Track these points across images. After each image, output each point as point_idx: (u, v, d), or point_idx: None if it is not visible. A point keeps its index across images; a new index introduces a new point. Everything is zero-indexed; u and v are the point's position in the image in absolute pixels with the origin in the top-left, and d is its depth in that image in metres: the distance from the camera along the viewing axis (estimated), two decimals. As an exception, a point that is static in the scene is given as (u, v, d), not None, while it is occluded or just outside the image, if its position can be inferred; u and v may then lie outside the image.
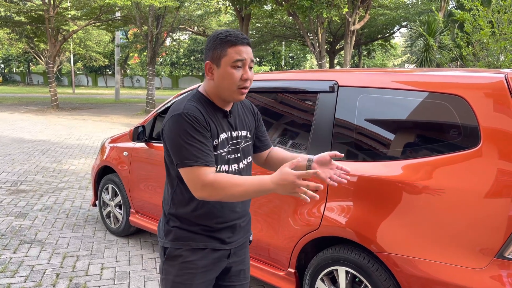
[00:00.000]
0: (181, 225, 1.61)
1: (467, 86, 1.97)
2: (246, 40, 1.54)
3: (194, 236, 1.61)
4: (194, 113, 1.48)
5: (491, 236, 1.79)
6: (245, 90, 1.55)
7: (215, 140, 1.55)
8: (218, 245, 1.64)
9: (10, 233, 4.16)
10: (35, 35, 22.81)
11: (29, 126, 12.58)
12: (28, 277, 3.25)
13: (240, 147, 1.66)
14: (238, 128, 1.67)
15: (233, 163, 1.63)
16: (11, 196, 5.41)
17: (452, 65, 9.39)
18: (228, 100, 1.58)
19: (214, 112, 1.58)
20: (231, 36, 1.51)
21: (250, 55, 1.54)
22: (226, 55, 1.51)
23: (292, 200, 2.50)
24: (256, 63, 43.62)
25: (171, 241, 1.62)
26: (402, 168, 2.07)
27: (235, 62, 1.50)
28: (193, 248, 1.60)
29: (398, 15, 20.17)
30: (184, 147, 1.45)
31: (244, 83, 1.53)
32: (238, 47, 1.51)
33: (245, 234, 1.76)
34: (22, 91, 32.41)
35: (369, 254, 2.19)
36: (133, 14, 16.77)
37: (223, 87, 1.54)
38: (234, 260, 1.72)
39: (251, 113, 1.78)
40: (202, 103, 1.56)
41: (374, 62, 41.16)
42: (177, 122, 1.48)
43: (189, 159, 1.45)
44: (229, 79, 1.51)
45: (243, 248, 1.76)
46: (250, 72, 1.55)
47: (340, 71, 2.57)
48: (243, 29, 16.74)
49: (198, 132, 1.47)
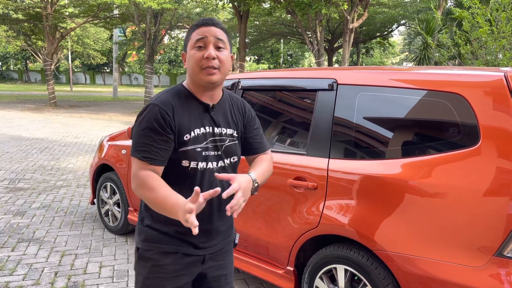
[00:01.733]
0: (153, 224, 1.56)
1: (466, 85, 1.96)
2: (211, 21, 1.49)
3: (165, 238, 1.55)
4: (163, 108, 1.46)
5: (490, 235, 1.79)
6: (212, 70, 1.47)
7: (185, 135, 1.49)
8: (191, 250, 1.57)
9: (8, 231, 4.15)
10: (33, 33, 22.72)
11: (26, 124, 12.54)
12: (27, 275, 3.24)
13: (223, 144, 1.59)
14: (222, 125, 1.59)
15: (213, 161, 1.55)
16: (9, 194, 5.40)
17: (450, 63, 9.39)
18: (200, 84, 1.51)
19: (191, 106, 1.53)
20: (197, 21, 1.51)
21: (214, 34, 1.47)
22: (190, 39, 1.50)
23: (291, 198, 2.49)
24: (254, 61, 43.60)
25: (142, 241, 1.57)
26: (401, 166, 2.07)
27: (196, 42, 1.47)
28: (164, 251, 1.55)
29: (396, 13, 20.19)
30: (138, 136, 1.45)
31: (207, 62, 1.46)
32: (200, 28, 1.48)
33: (224, 239, 1.67)
34: (19, 88, 32.31)
35: (368, 252, 2.19)
36: (131, 12, 16.72)
37: (190, 71, 1.51)
38: (211, 265, 1.64)
39: (240, 112, 1.69)
40: (181, 96, 1.53)
41: (372, 60, 41.18)
42: (145, 111, 1.47)
43: (136, 149, 1.45)
44: (192, 60, 1.48)
45: (223, 253, 1.68)
46: (218, 52, 1.48)
47: (339, 69, 2.57)
48: (241, 26, 16.71)
49: (155, 128, 1.44)
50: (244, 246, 2.86)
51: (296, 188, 2.46)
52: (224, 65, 1.50)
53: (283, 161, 2.57)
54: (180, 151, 1.49)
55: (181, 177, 1.52)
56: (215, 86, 1.53)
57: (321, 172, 2.36)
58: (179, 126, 1.48)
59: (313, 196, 2.39)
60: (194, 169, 1.51)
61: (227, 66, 1.52)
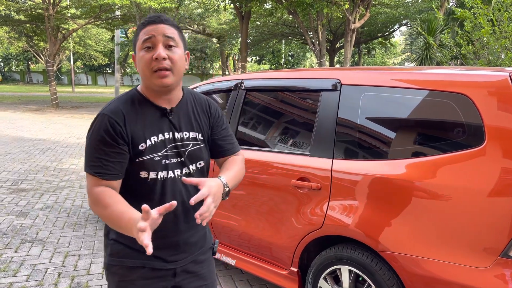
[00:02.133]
0: (118, 238, 1.46)
1: (471, 85, 1.96)
2: (158, 18, 1.36)
3: (131, 253, 1.45)
4: (113, 117, 1.35)
5: (496, 235, 1.78)
6: (164, 72, 1.34)
7: (140, 145, 1.38)
8: (159, 264, 1.47)
9: (11, 232, 4.15)
10: (35, 34, 22.77)
11: (29, 125, 12.56)
12: (30, 276, 3.25)
13: (186, 150, 1.47)
14: (184, 129, 1.47)
15: (175, 168, 1.44)
16: (12, 195, 5.41)
17: (452, 63, 9.38)
18: (153, 88, 1.39)
19: (146, 112, 1.41)
20: (144, 19, 1.37)
21: (162, 32, 1.35)
22: (138, 40, 1.38)
23: (294, 199, 2.49)
24: (256, 62, 43.59)
25: (108, 256, 1.49)
26: (405, 167, 2.07)
27: (143, 42, 1.35)
28: (130, 266, 1.46)
29: (398, 13, 20.16)
30: (89, 150, 1.36)
31: (158, 63, 1.33)
32: (147, 27, 1.36)
33: (197, 250, 1.57)
34: (21, 89, 32.37)
35: (373, 253, 2.18)
36: (132, 13, 16.74)
37: (141, 75, 1.38)
38: (185, 277, 1.54)
39: (205, 113, 1.56)
40: (133, 102, 1.41)
41: (374, 60, 41.14)
42: (95, 122, 1.38)
43: (88, 164, 1.35)
44: (142, 63, 1.35)
45: (198, 263, 1.58)
46: (169, 51, 1.35)
47: (343, 70, 2.56)
48: (243, 27, 16.71)
49: (106, 140, 1.34)
50: (247, 247, 2.86)
51: (299, 188, 2.46)
52: (176, 65, 1.37)
53: (286, 161, 2.57)
54: (136, 162, 1.38)
55: (141, 189, 1.41)
56: (170, 89, 1.41)
57: (325, 172, 2.35)
58: (132, 135, 1.37)
59: (317, 197, 2.39)
60: (154, 180, 1.40)
61: (180, 66, 1.39)
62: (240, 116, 2.98)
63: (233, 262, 2.94)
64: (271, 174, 2.63)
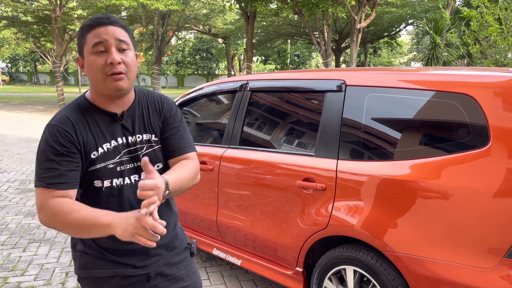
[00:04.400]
0: (85, 249, 1.42)
1: (476, 85, 1.96)
2: (108, 20, 1.29)
3: (99, 262, 1.41)
4: (62, 126, 1.30)
5: (501, 236, 1.78)
6: (119, 76, 1.28)
7: (92, 153, 1.33)
8: (130, 271, 1.43)
9: (19, 232, 4.20)
10: (42, 35, 22.95)
11: (36, 126, 12.66)
12: (38, 276, 3.28)
13: (141, 153, 1.42)
14: (137, 132, 1.42)
15: (132, 174, 1.39)
16: (20, 195, 5.46)
17: (459, 63, 9.33)
18: (106, 93, 1.33)
19: (96, 119, 1.36)
20: (90, 21, 1.30)
21: (114, 35, 1.28)
22: (86, 43, 1.29)
23: (299, 199, 2.50)
24: (261, 62, 43.59)
25: (78, 268, 1.45)
26: (410, 167, 2.07)
27: (94, 47, 1.27)
28: (101, 276, 1.42)
29: (404, 13, 20.07)
30: (40, 163, 1.29)
31: (112, 68, 1.27)
32: (96, 29, 1.28)
33: (169, 251, 1.51)
34: (29, 90, 32.63)
35: (377, 253, 2.19)
36: (139, 14, 16.83)
37: (93, 80, 1.31)
38: (160, 281, 1.49)
39: (157, 111, 1.48)
40: (81, 109, 1.35)
41: (380, 60, 40.98)
42: (44, 134, 1.31)
43: (39, 178, 1.28)
44: (94, 69, 1.28)
45: (174, 265, 1.53)
46: (122, 55, 1.29)
47: (347, 70, 2.57)
48: (248, 27, 16.73)
49: (56, 150, 1.28)
50: (253, 247, 2.87)
51: (304, 189, 2.47)
52: (130, 69, 1.32)
53: (291, 162, 2.58)
54: (89, 171, 1.34)
55: (97, 199, 1.36)
56: (124, 93, 1.36)
57: (330, 173, 2.36)
58: (84, 143, 1.32)
59: (321, 197, 2.39)
60: (109, 188, 1.36)
61: (134, 69, 1.34)
62: (245, 117, 3.00)
63: (239, 262, 2.96)
64: (276, 175, 2.64)
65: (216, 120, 3.32)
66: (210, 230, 3.18)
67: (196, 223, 3.30)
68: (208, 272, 3.42)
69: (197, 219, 3.26)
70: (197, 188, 3.21)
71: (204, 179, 3.12)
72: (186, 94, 3.63)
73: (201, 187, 3.17)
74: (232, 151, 2.98)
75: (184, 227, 3.41)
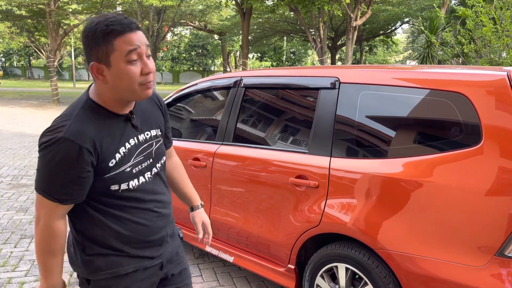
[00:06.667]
0: (100, 250, 1.38)
1: (469, 84, 1.96)
2: (135, 24, 1.23)
3: (120, 260, 1.40)
4: (79, 143, 1.20)
5: (492, 234, 1.79)
6: (151, 84, 1.28)
7: (110, 161, 1.29)
8: (149, 262, 1.46)
9: (11, 227, 4.17)
10: (36, 29, 22.76)
11: (30, 121, 12.57)
12: (29, 272, 3.26)
13: (153, 150, 1.43)
14: (145, 129, 1.42)
15: (145, 172, 1.41)
16: (12, 191, 5.42)
17: (454, 61, 9.36)
18: (132, 99, 1.31)
19: (109, 124, 1.30)
20: (113, 25, 1.19)
21: (144, 41, 1.24)
22: (114, 50, 1.20)
23: (292, 196, 2.50)
24: (257, 59, 43.56)
25: (94, 272, 1.39)
26: (403, 165, 2.07)
27: (128, 55, 1.20)
28: (123, 274, 1.40)
29: (400, 11, 20.11)
30: (49, 176, 1.23)
31: (147, 77, 1.26)
32: (127, 36, 1.20)
33: (174, 241, 1.59)
34: (23, 85, 32.38)
35: (369, 251, 2.19)
36: (134, 9, 16.73)
37: (122, 88, 1.25)
38: (170, 267, 1.57)
39: (157, 107, 1.51)
40: (94, 115, 1.28)
41: (375, 58, 41.08)
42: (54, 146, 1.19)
43: (46, 189, 1.23)
44: (128, 78, 1.22)
45: (176, 249, 1.61)
46: (150, 62, 1.26)
47: (341, 68, 2.56)
48: (244, 24, 16.69)
49: (71, 169, 1.22)
50: (245, 244, 2.87)
51: (297, 186, 2.47)
52: (154, 75, 1.32)
53: (284, 159, 2.57)
54: (106, 178, 1.30)
55: (112, 201, 1.36)
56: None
57: (323, 170, 2.36)
58: (101, 154, 1.27)
59: (314, 195, 2.39)
60: (126, 190, 1.36)
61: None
62: (239, 113, 2.99)
63: (231, 259, 2.95)
64: (269, 172, 2.63)
65: (209, 116, 3.31)
66: (203, 227, 3.17)
67: (189, 219, 3.29)
68: (200, 269, 3.41)
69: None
70: (190, 185, 3.19)
71: (197, 175, 3.11)
72: (180, 90, 3.61)
73: (194, 183, 3.15)
74: (225, 148, 2.97)
75: (177, 224, 3.40)
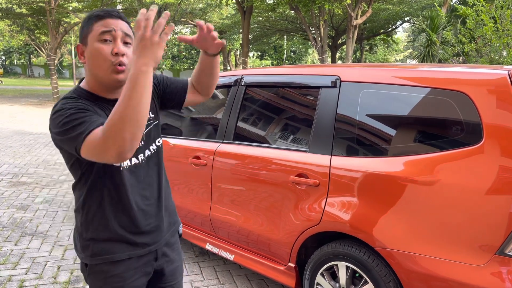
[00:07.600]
0: (98, 234, 1.42)
1: (470, 83, 1.96)
2: (117, 14, 1.33)
3: (115, 246, 1.43)
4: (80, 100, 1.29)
5: (492, 233, 1.79)
6: (122, 68, 1.30)
7: None
8: (143, 250, 1.48)
9: (11, 225, 4.17)
10: (36, 27, 22.74)
11: (30, 119, 12.57)
12: (29, 269, 3.27)
13: (146, 131, 1.46)
14: None
15: (139, 154, 1.44)
16: (12, 189, 5.43)
17: (454, 60, 9.36)
18: (106, 83, 1.35)
19: (102, 108, 1.35)
20: (97, 11, 1.33)
21: (122, 28, 1.32)
22: (92, 31, 1.30)
23: (293, 195, 2.50)
24: (257, 57, 43.50)
25: (90, 256, 1.43)
26: (403, 164, 2.07)
27: (101, 34, 1.29)
28: (117, 260, 1.43)
29: (400, 10, 20.10)
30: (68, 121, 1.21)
31: (118, 58, 1.29)
32: (106, 20, 1.31)
33: (171, 227, 1.61)
34: (23, 83, 32.38)
35: (370, 249, 2.19)
36: (134, 7, 16.71)
37: (95, 67, 1.32)
38: (164, 260, 1.58)
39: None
40: (84, 98, 1.34)
41: (376, 57, 41.04)
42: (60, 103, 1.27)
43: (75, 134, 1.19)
44: (98, 55, 1.29)
45: (171, 245, 1.61)
46: (126, 48, 1.32)
47: (342, 66, 2.56)
48: (244, 22, 16.68)
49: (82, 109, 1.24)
50: (246, 242, 2.87)
51: (298, 185, 2.47)
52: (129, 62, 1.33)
53: (285, 158, 2.58)
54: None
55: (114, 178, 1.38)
56: (121, 84, 1.35)
57: (324, 169, 2.36)
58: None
59: (315, 193, 2.39)
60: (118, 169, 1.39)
61: None
62: (239, 112, 2.99)
63: (232, 257, 2.95)
64: (269, 170, 2.63)
65: (210, 114, 3.31)
66: (203, 225, 3.18)
67: (189, 217, 3.29)
68: (201, 267, 3.41)
69: (190, 213, 3.25)
70: (190, 183, 3.20)
71: (197, 173, 3.11)
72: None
73: (195, 182, 3.16)
74: (226, 146, 2.97)
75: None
